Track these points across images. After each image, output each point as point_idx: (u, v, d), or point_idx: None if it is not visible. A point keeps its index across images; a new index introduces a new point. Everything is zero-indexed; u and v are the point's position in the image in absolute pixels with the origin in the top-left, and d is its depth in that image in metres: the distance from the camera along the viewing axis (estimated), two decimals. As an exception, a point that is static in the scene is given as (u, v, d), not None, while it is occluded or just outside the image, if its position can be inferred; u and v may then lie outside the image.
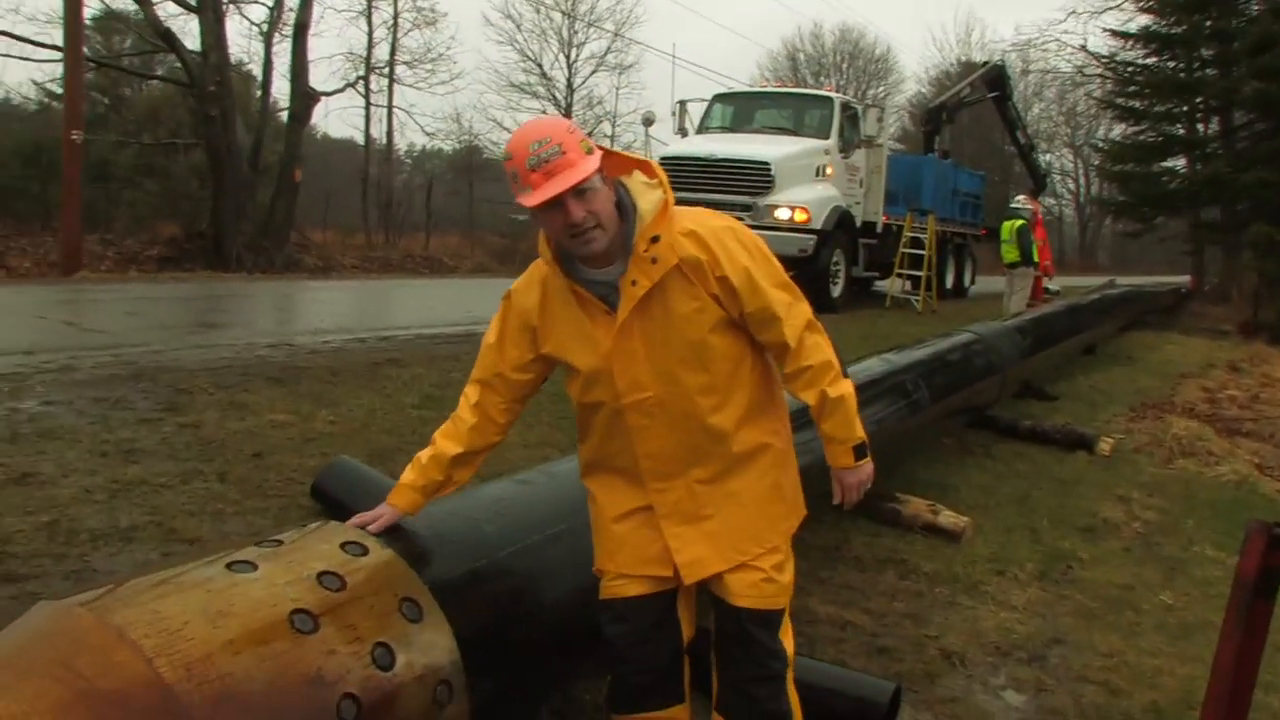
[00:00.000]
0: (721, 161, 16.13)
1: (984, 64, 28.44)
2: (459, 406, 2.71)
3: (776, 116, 18.46)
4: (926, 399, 6.28)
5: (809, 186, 16.50)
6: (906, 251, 19.09)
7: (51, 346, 8.09)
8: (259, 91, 27.11)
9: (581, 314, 2.51)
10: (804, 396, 2.60)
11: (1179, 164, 30.04)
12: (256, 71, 28.70)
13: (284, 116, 25.83)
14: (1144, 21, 30.10)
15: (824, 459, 2.72)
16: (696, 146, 17.00)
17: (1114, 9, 32.15)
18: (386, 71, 34.18)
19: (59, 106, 22.38)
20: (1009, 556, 5.53)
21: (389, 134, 36.31)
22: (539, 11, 40.42)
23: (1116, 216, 37.51)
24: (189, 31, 21.79)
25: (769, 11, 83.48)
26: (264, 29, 25.70)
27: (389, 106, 34.87)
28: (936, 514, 5.76)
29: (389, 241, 30.84)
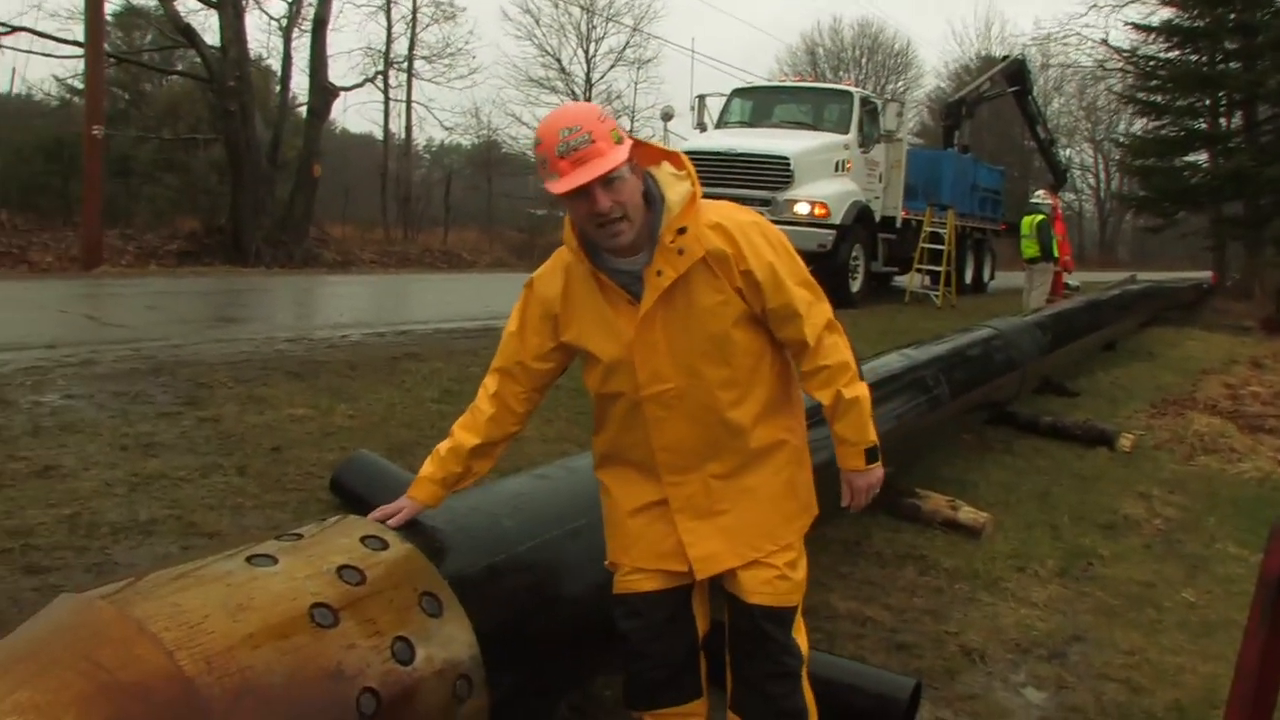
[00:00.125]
0: (741, 156, 16.08)
1: (1004, 58, 28.27)
2: (477, 398, 2.70)
3: (796, 111, 18.40)
4: (946, 394, 6.25)
5: (828, 181, 16.45)
6: (926, 246, 19.01)
7: (73, 340, 8.14)
8: (278, 86, 27.26)
9: (604, 303, 2.50)
10: (819, 395, 2.59)
11: (1201, 159, 29.81)
12: (276, 66, 28.84)
13: (303, 111, 25.92)
14: (1166, 15, 29.83)
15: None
16: (715, 141, 16.96)
17: (1136, 2, 32.02)
18: (405, 66, 34.29)
19: (80, 102, 22.47)
20: (1029, 553, 5.50)
21: (407, 129, 36.41)
22: (557, 6, 40.53)
23: (1137, 212, 37.20)
24: (209, 27, 21.86)
25: (788, 6, 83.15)
26: (283, 24, 25.87)
27: (408, 101, 34.97)
28: (956, 510, 5.74)
29: (407, 236, 30.89)
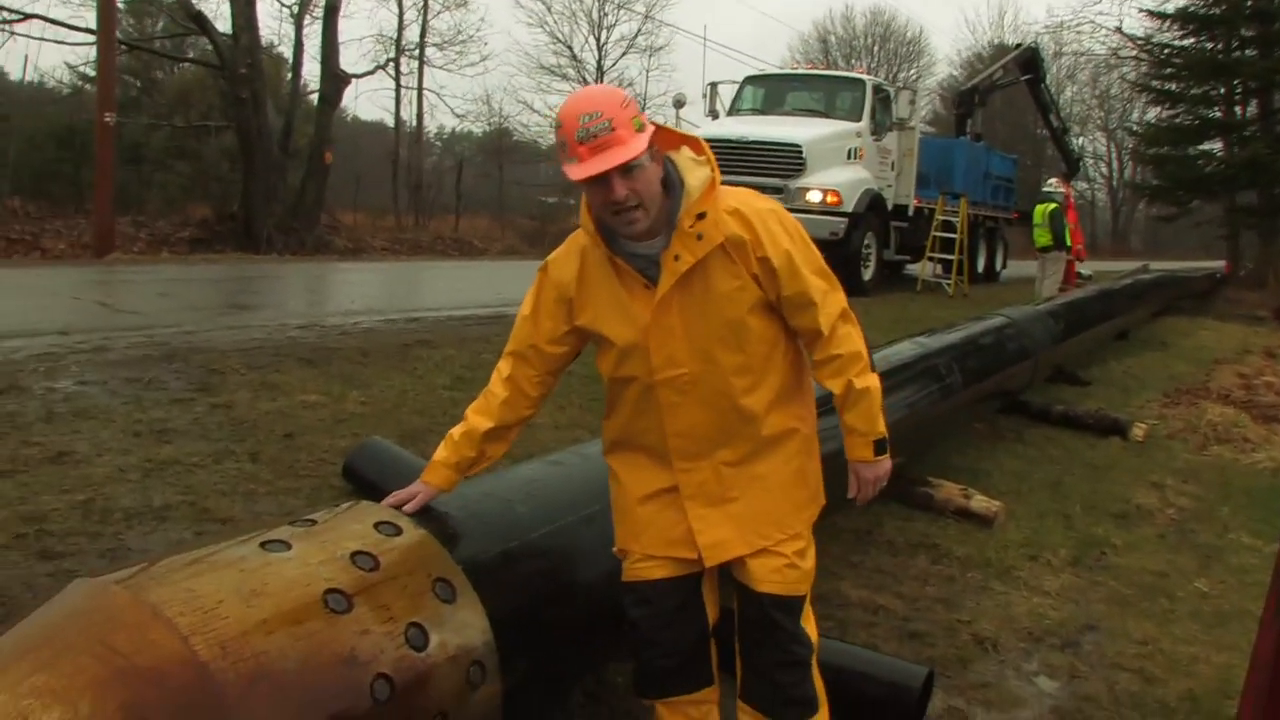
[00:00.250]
0: (753, 144, 16.02)
1: (1017, 46, 28.10)
2: (491, 381, 2.70)
3: (808, 99, 18.33)
4: (959, 383, 6.23)
5: (841, 169, 16.39)
6: (938, 235, 18.95)
7: (85, 327, 8.16)
8: (289, 74, 27.22)
9: (620, 287, 2.49)
10: (830, 385, 2.58)
11: (1215, 147, 29.65)
12: (287, 54, 28.88)
13: (314, 99, 25.89)
14: (1182, 2, 29.62)
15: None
16: (728, 129, 16.90)
17: (1151, -11, 31.73)
18: (416, 53, 34.26)
19: (92, 89, 22.55)
20: (1042, 542, 5.49)
21: (419, 116, 36.39)
22: (569, -7, 40.38)
23: (1151, 201, 37.06)
24: (220, 14, 22.03)
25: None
26: (294, 11, 25.76)
27: (419, 88, 34.96)
28: (969, 498, 5.73)
29: (419, 224, 30.91)
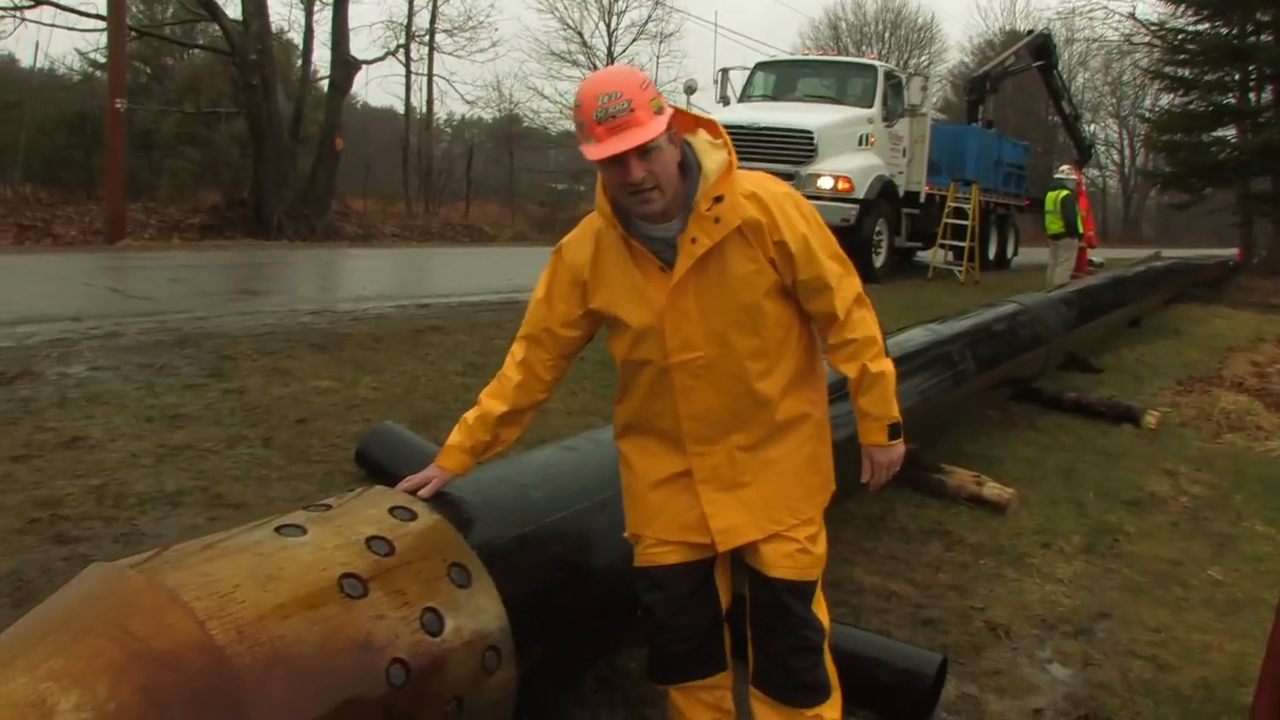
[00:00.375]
0: (764, 130, 15.97)
1: (1029, 32, 27.97)
2: (504, 365, 2.69)
3: (819, 85, 18.28)
4: (972, 369, 6.22)
5: (852, 155, 16.35)
6: (950, 222, 18.88)
7: (98, 313, 8.18)
8: (300, 60, 27.14)
9: (635, 269, 2.48)
10: (845, 369, 2.57)
11: (1229, 133, 29.47)
12: (297, 40, 28.78)
13: (325, 85, 25.88)
14: (1195, -14, 29.44)
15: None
16: (739, 115, 16.83)
17: (1165, -26, 31.49)
18: (427, 39, 34.13)
19: (102, 76, 22.51)
20: (1054, 529, 5.48)
21: (429, 102, 36.26)
22: (579, -21, 40.29)
23: (1163, 188, 36.85)
24: (230, 0, 21.82)
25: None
26: (305, -3, 25.73)
27: (429, 75, 34.81)
28: (981, 485, 5.71)
29: (429, 210, 30.87)
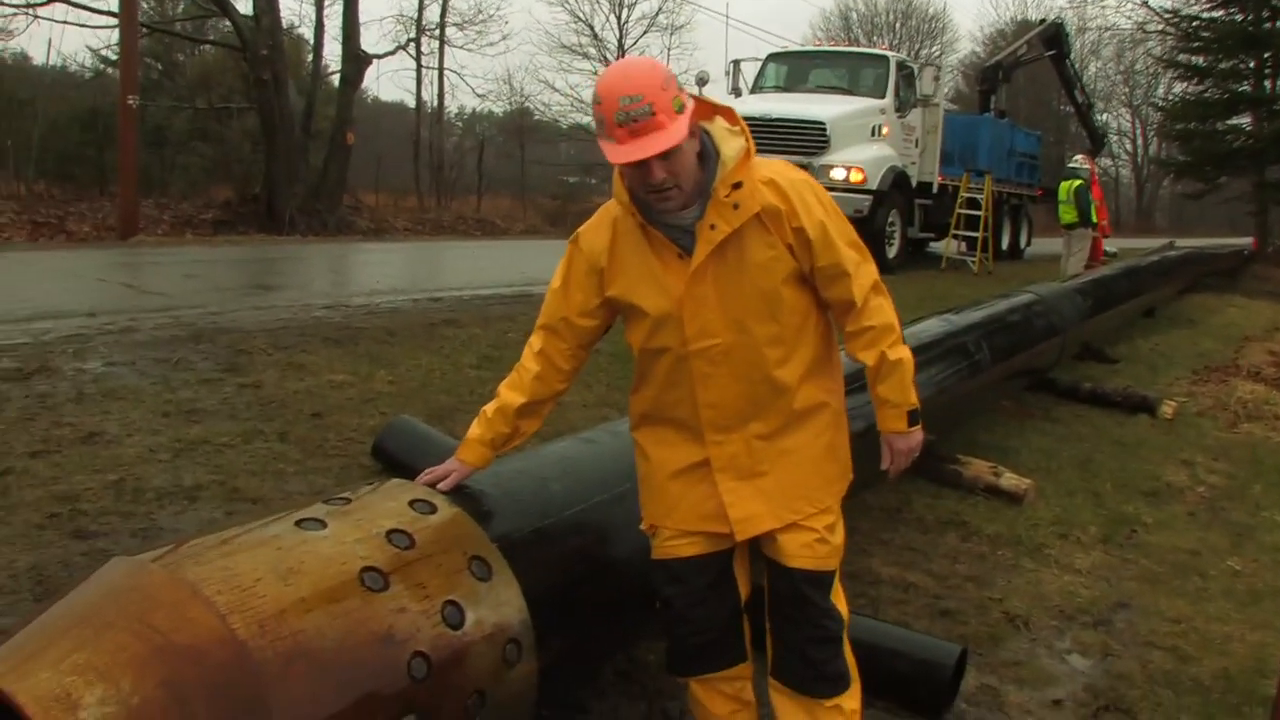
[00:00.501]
0: (777, 121, 15.90)
1: (1041, 21, 27.90)
2: (522, 356, 2.68)
3: (831, 76, 18.22)
4: (988, 360, 6.20)
5: (865, 146, 16.29)
6: (963, 212, 18.81)
7: (112, 309, 8.20)
8: (310, 55, 27.22)
9: (653, 257, 2.47)
10: (863, 357, 2.56)
11: (1244, 121, 29.27)
12: (308, 35, 28.82)
13: (336, 80, 25.91)
14: (1211, -26, 29.23)
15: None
16: (751, 106, 16.76)
17: (1179, -39, 31.27)
18: (437, 33, 34.14)
19: (114, 73, 22.56)
20: (1071, 520, 5.46)
21: (440, 96, 36.35)
22: (590, -29, 40.22)
23: (1177, 177, 36.63)
24: (241, -5, 21.83)
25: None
26: (316, -8, 25.73)
27: (440, 69, 34.82)
28: (998, 476, 5.69)
29: (440, 204, 30.90)
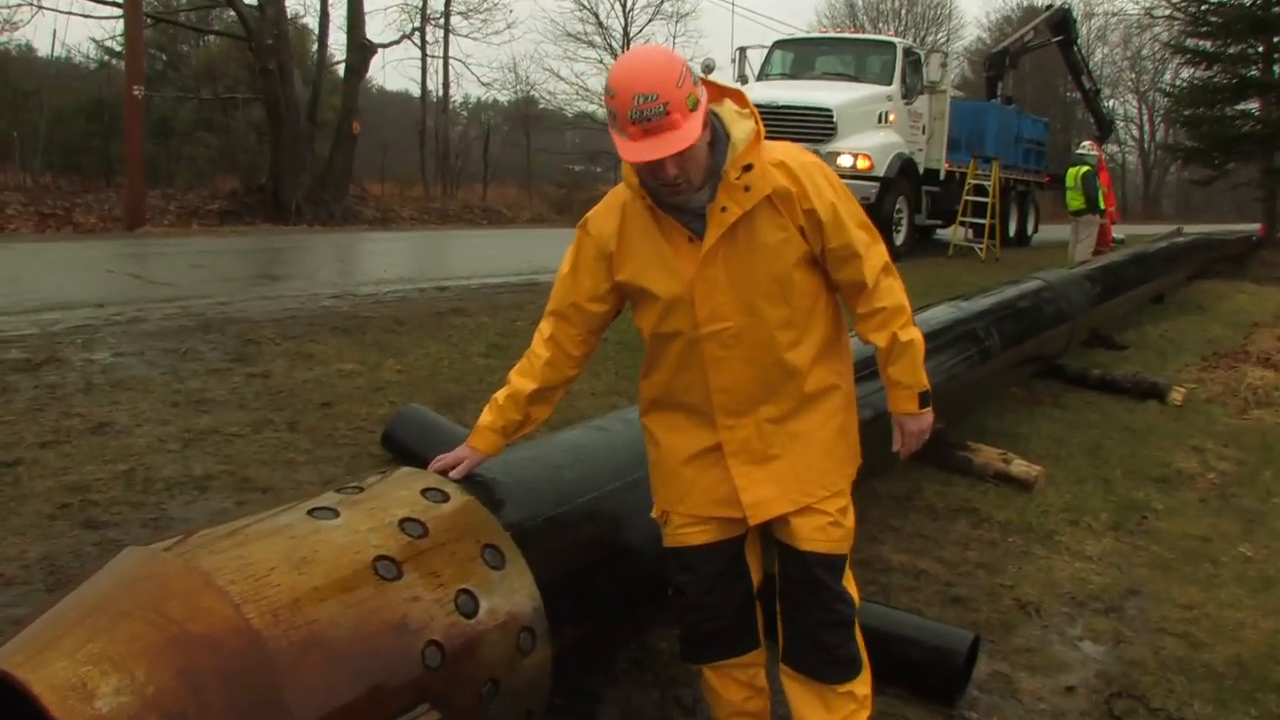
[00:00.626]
0: (783, 108, 15.84)
1: (1047, 7, 27.68)
2: (533, 343, 2.67)
3: (838, 63, 18.17)
4: (997, 346, 6.18)
5: (872, 133, 16.27)
6: (970, 199, 18.77)
7: (120, 299, 8.21)
8: (315, 44, 27.15)
9: (662, 240, 2.45)
10: (874, 338, 2.56)
11: (1253, 106, 29.12)
12: (313, 24, 28.76)
13: (341, 69, 25.88)
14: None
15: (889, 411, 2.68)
16: (757, 94, 16.67)
17: (1187, -56, 31.08)
18: (442, 22, 34.06)
19: (118, 64, 22.56)
20: (1082, 506, 5.44)
21: (445, 85, 36.20)
22: (594, -41, 40.11)
23: (1184, 163, 36.47)
24: (245, -14, 21.80)
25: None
26: (320, -19, 25.69)
27: (445, 57, 34.72)
28: (1008, 463, 5.68)
29: (446, 193, 30.87)
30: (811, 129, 15.64)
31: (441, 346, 6.92)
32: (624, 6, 40.50)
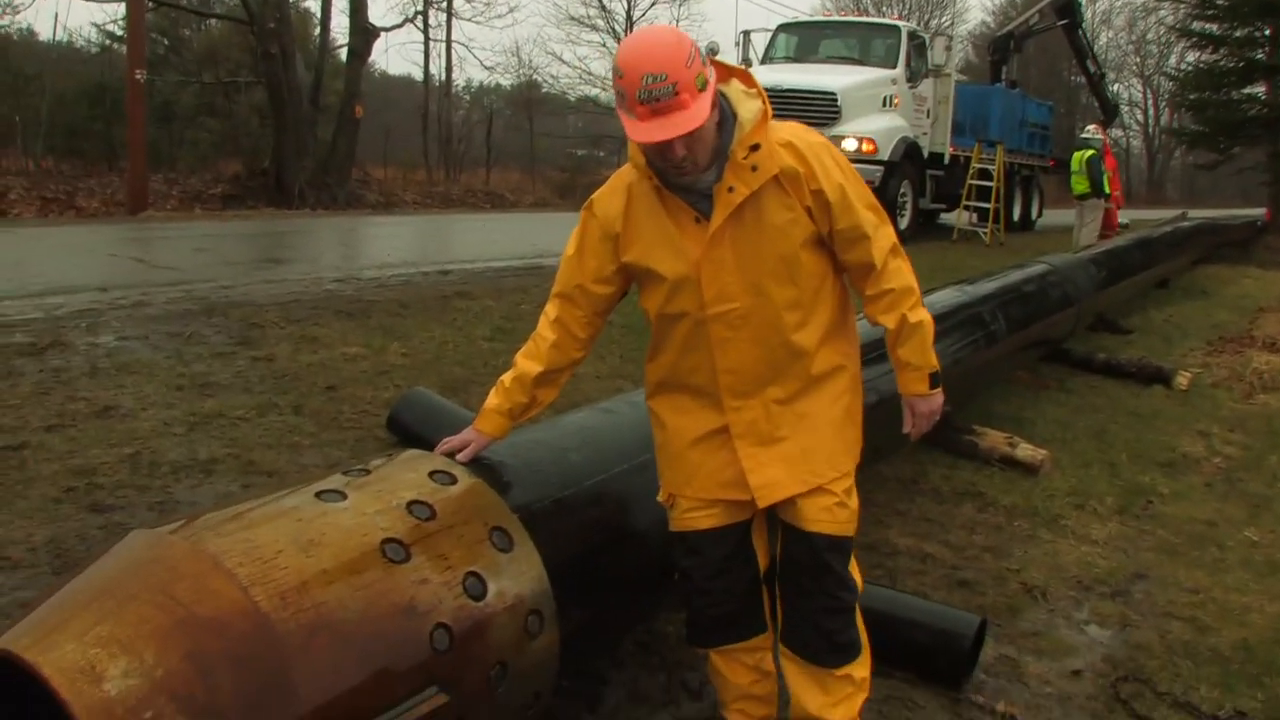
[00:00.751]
0: (787, 92, 15.80)
1: (1052, -9, 27.62)
2: (539, 325, 2.66)
3: (842, 46, 18.13)
4: (1003, 330, 6.17)
5: (876, 117, 16.23)
6: (974, 183, 18.73)
7: (124, 283, 8.20)
8: (318, 28, 27.09)
9: (669, 221, 2.44)
10: (883, 320, 2.54)
11: (1259, 90, 28.99)
12: (315, 8, 28.84)
13: (343, 53, 25.83)
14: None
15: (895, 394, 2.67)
16: (762, 77, 16.38)
17: (1191, -74, 30.89)
18: (445, 5, 33.99)
19: (120, 49, 22.54)
20: (1088, 490, 5.44)
21: (448, 69, 36.26)
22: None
23: (1190, 147, 36.35)
24: (247, -31, 21.73)
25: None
26: (322, -36, 25.61)
27: (447, 41, 34.71)
28: (1014, 447, 5.67)
29: (449, 177, 30.87)
30: (816, 112, 15.58)
31: (446, 330, 6.91)
32: (627, -10, 40.37)
